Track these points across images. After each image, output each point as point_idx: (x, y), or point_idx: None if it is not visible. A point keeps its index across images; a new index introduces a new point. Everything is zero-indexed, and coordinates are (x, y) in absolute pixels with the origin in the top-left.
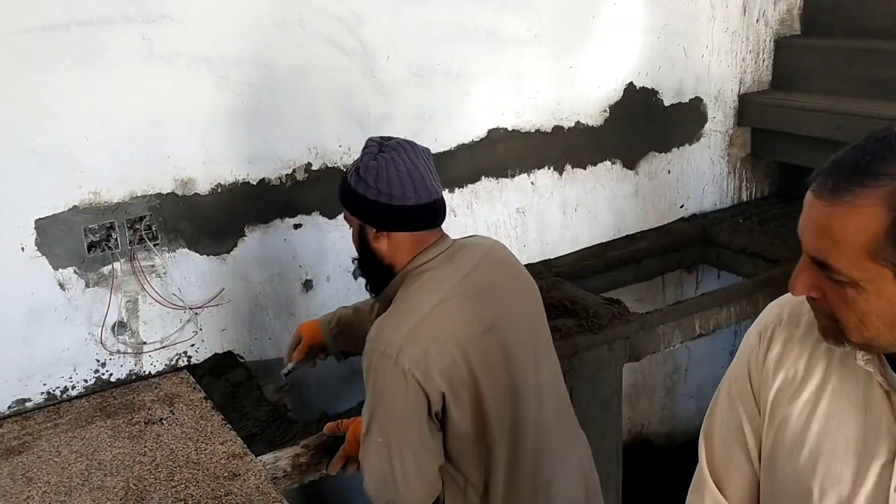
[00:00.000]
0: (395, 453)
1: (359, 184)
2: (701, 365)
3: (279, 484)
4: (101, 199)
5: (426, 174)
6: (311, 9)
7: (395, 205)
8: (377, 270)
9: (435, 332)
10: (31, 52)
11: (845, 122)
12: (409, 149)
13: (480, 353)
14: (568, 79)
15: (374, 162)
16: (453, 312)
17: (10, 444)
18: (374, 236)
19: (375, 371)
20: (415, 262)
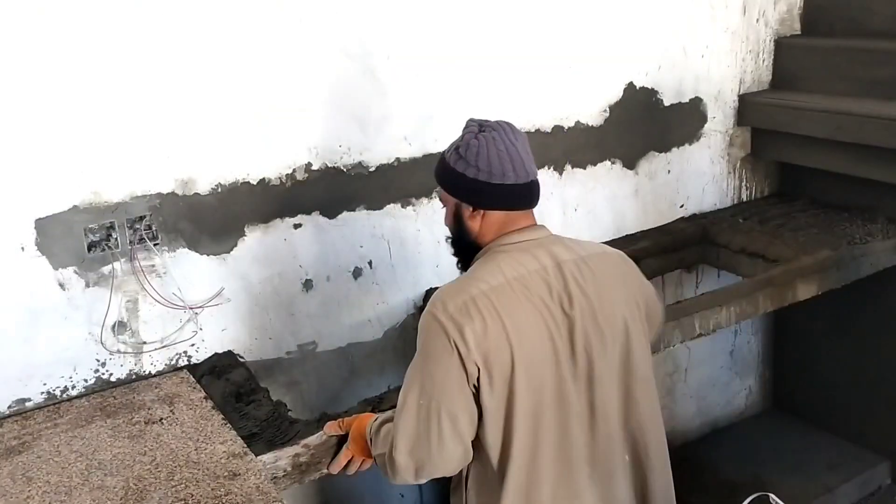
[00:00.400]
0: (433, 414)
1: (458, 162)
2: (701, 365)
3: (279, 484)
4: (101, 198)
5: (525, 155)
6: (312, 9)
7: (494, 182)
8: (469, 248)
9: (489, 309)
10: (30, 52)
11: (845, 122)
12: (508, 129)
13: (525, 347)
14: (568, 78)
15: (476, 140)
16: (511, 297)
17: (10, 444)
18: (469, 215)
19: (426, 332)
20: (500, 239)
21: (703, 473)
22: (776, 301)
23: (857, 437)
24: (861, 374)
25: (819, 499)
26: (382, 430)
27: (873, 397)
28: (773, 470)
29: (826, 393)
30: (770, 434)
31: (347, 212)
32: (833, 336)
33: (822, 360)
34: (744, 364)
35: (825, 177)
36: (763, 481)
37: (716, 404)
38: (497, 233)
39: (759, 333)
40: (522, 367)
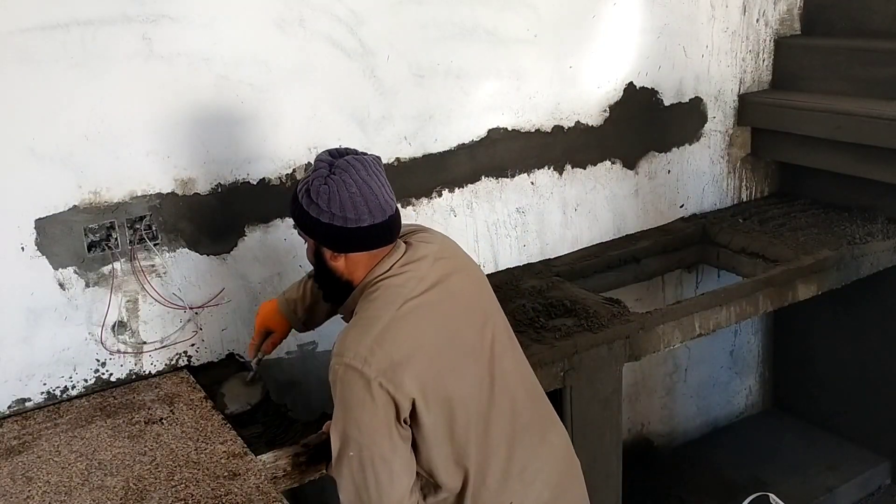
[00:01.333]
0: (367, 465)
1: (311, 207)
2: (701, 365)
3: (279, 484)
4: (101, 198)
5: (379, 191)
6: (311, 9)
7: (350, 227)
8: (336, 286)
9: (398, 339)
10: (31, 52)
11: (845, 122)
12: (359, 167)
13: (445, 354)
14: (568, 79)
15: (326, 186)
16: (413, 317)
17: (10, 444)
18: (330, 255)
19: (342, 384)
20: (371, 274)
21: (703, 473)
22: (776, 301)
23: (857, 437)
24: (861, 374)
25: (819, 499)
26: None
27: (873, 397)
28: (773, 470)
29: (826, 393)
30: (770, 434)
31: None
32: (833, 336)
33: (822, 360)
34: (744, 364)
35: (825, 177)
36: (763, 481)
37: (716, 404)
38: (366, 268)
39: (759, 333)
40: (449, 377)
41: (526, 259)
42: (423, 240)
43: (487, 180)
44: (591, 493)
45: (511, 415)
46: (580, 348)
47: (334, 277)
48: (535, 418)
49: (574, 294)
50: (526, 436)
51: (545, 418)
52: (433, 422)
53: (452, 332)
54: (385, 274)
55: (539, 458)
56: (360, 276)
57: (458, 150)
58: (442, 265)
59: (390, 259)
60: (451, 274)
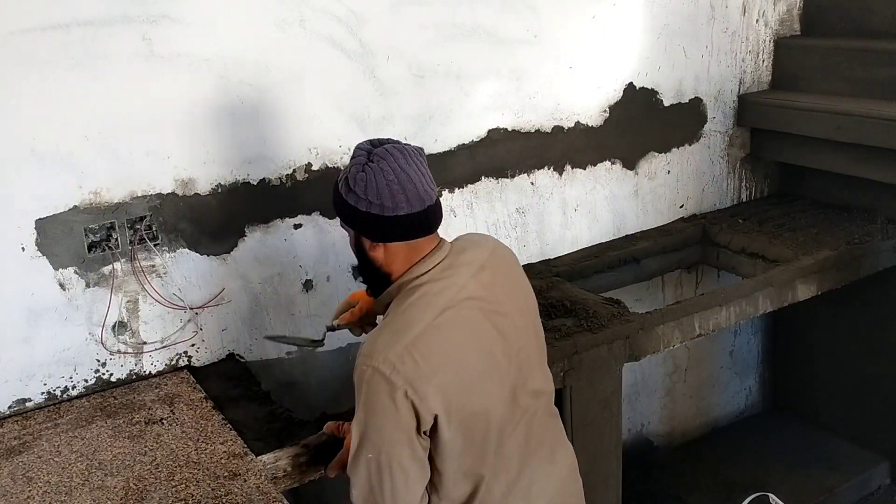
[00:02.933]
0: (384, 469)
1: (349, 195)
2: (701, 365)
3: (279, 484)
4: (101, 199)
5: (418, 180)
6: (311, 9)
7: (386, 216)
8: (376, 276)
9: (430, 349)
10: (31, 52)
11: (845, 122)
12: (398, 155)
13: (472, 369)
14: (568, 79)
15: (363, 173)
16: (447, 329)
17: (10, 444)
18: (371, 246)
19: (368, 386)
20: (410, 272)
21: (703, 473)
22: (776, 301)
23: (857, 437)
24: (861, 374)
25: (819, 499)
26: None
27: (873, 397)
28: (773, 470)
29: (826, 393)
30: (770, 434)
31: None
32: (833, 336)
33: (822, 360)
34: (744, 364)
35: (825, 177)
36: (763, 481)
37: (716, 404)
38: (406, 263)
39: (759, 333)
40: (475, 391)
41: (526, 259)
42: (471, 245)
43: (487, 180)
44: (591, 494)
45: (527, 432)
46: (580, 348)
47: (374, 268)
48: (547, 436)
49: (574, 294)
50: (537, 453)
51: (556, 437)
52: (452, 437)
53: (484, 348)
54: (425, 276)
55: (546, 477)
56: (398, 269)
57: (458, 151)
58: (487, 276)
59: (432, 259)
60: (493, 286)
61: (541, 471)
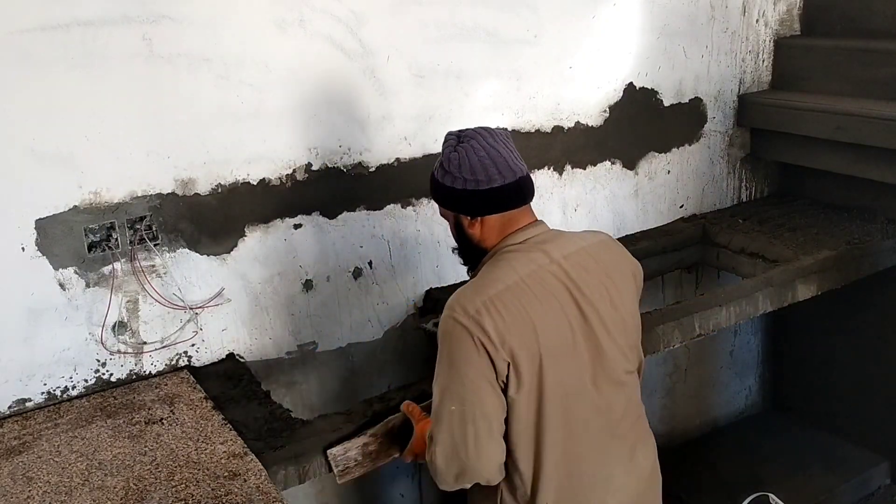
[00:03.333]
0: (468, 419)
1: (445, 177)
2: (701, 365)
3: (352, 473)
4: (101, 199)
5: (507, 154)
6: (311, 9)
7: (482, 189)
8: (475, 254)
9: (508, 308)
10: (31, 52)
11: (845, 122)
12: (486, 134)
13: (548, 342)
14: (568, 79)
15: (455, 153)
16: (528, 295)
17: (10, 444)
18: (468, 223)
19: (450, 338)
20: (503, 242)
21: (703, 473)
22: (776, 301)
23: (857, 437)
24: (861, 374)
25: (819, 499)
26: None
27: (873, 397)
28: (773, 470)
29: (826, 393)
30: (770, 434)
31: (347, 212)
32: (833, 336)
33: (822, 360)
34: (744, 364)
35: (825, 177)
36: (763, 481)
37: (716, 404)
38: (500, 234)
39: (759, 333)
40: (549, 360)
41: None
42: (577, 234)
43: None
44: None
45: (607, 423)
46: None
47: (472, 245)
48: (629, 432)
49: None
50: (617, 447)
51: (640, 435)
52: (522, 400)
53: (563, 324)
54: (517, 244)
55: (626, 473)
56: (494, 241)
57: None
58: (582, 260)
59: (526, 233)
60: (587, 271)
61: (621, 465)
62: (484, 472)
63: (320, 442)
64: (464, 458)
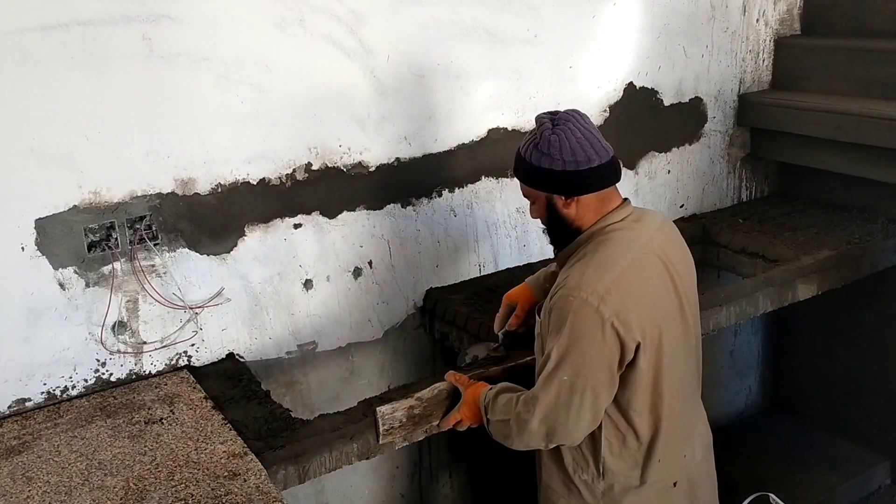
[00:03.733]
0: (577, 390)
1: (543, 159)
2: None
3: (394, 434)
4: (101, 198)
5: (599, 135)
6: (311, 8)
7: (582, 169)
8: (569, 234)
9: (631, 286)
10: (31, 52)
11: (845, 122)
12: (578, 116)
13: (665, 309)
14: (568, 79)
15: (555, 136)
16: (644, 269)
17: (10, 444)
18: (563, 203)
19: (575, 315)
20: (602, 222)
21: None
22: (776, 301)
23: (857, 437)
24: (861, 374)
25: (819, 499)
26: (501, 399)
27: (873, 397)
28: (773, 470)
29: (826, 393)
30: (770, 434)
31: (347, 212)
32: (833, 336)
33: (822, 360)
34: (744, 364)
35: (825, 177)
36: (763, 481)
37: (716, 404)
38: (596, 214)
39: (759, 333)
40: (665, 330)
41: (526, 259)
42: (649, 211)
43: (487, 180)
44: None
45: (693, 379)
46: None
47: (566, 225)
48: (699, 387)
49: None
50: (695, 400)
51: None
52: (646, 367)
53: (669, 291)
54: (618, 223)
55: (702, 423)
56: (590, 220)
57: (458, 150)
58: (664, 235)
59: (622, 212)
60: (672, 245)
61: (698, 415)
62: (575, 437)
63: (320, 442)
64: (563, 421)
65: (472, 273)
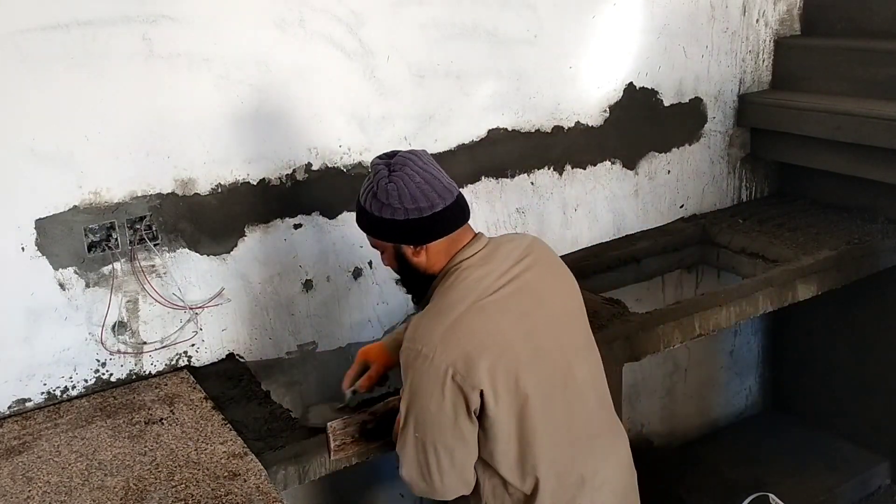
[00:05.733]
0: (430, 449)
1: (384, 209)
2: (701, 365)
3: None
4: (101, 199)
5: (440, 175)
6: (311, 8)
7: (426, 216)
8: (423, 283)
9: (472, 331)
10: (31, 52)
11: (845, 122)
12: (415, 158)
13: (519, 352)
14: (568, 79)
15: (392, 184)
16: (490, 311)
17: (10, 444)
18: (412, 252)
19: (413, 370)
20: (452, 261)
21: (703, 473)
22: (776, 301)
23: (857, 437)
24: (861, 374)
25: (819, 499)
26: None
27: (873, 397)
28: (773, 470)
29: (826, 393)
30: (770, 434)
31: (347, 212)
32: (833, 336)
33: (822, 360)
34: (744, 364)
35: (825, 177)
36: (763, 481)
37: (716, 404)
38: (447, 257)
39: (759, 333)
40: (523, 371)
41: None
42: (508, 239)
43: (487, 180)
44: None
45: (584, 421)
46: None
47: (418, 274)
48: (604, 427)
49: None
50: (597, 443)
51: (613, 428)
52: (502, 418)
53: (528, 330)
54: (465, 261)
55: (608, 467)
56: (441, 263)
57: (458, 150)
58: (526, 263)
59: (471, 248)
60: (534, 274)
61: (603, 461)
62: (448, 496)
63: (321, 442)
64: (428, 482)
65: None
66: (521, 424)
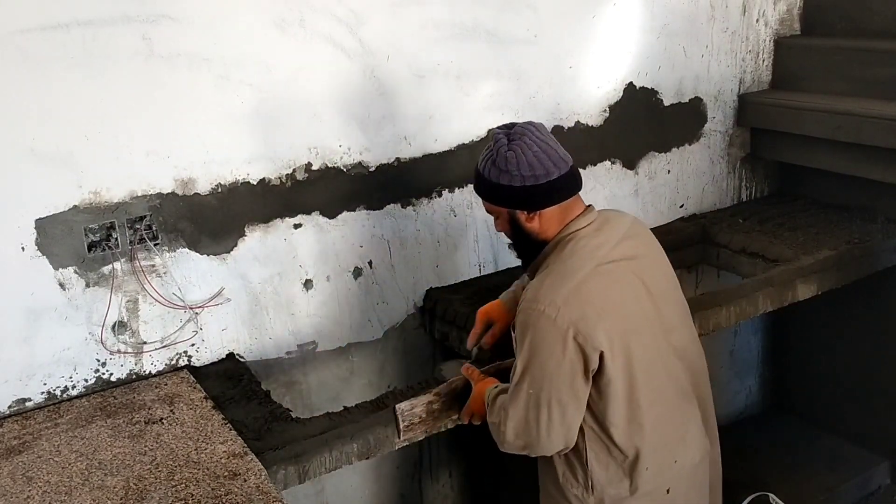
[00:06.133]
0: (543, 404)
1: (502, 176)
2: None
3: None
4: (101, 198)
5: (556, 145)
6: (311, 8)
7: (542, 183)
8: (533, 247)
9: (592, 295)
10: (31, 52)
11: (845, 122)
12: (533, 129)
13: (631, 317)
14: (568, 79)
15: (511, 152)
16: (608, 277)
17: (10, 444)
18: (526, 218)
19: (534, 329)
20: (566, 230)
21: None
22: (776, 301)
23: (857, 437)
24: (861, 375)
25: (819, 499)
26: (498, 401)
27: (873, 397)
28: (773, 470)
29: (826, 393)
30: (770, 434)
31: (347, 212)
32: (833, 336)
33: (822, 360)
34: (744, 364)
35: (825, 177)
36: (763, 481)
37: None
38: (559, 224)
39: (759, 333)
40: (633, 337)
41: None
42: (615, 214)
43: None
44: None
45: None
46: None
47: (530, 239)
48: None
49: None
50: (684, 405)
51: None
52: (617, 377)
53: (637, 298)
54: (581, 231)
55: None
56: (554, 232)
57: (458, 150)
58: (633, 236)
59: (585, 219)
60: (641, 247)
61: (692, 421)
62: (549, 451)
63: (320, 442)
64: (534, 436)
65: (472, 273)
66: (631, 384)
